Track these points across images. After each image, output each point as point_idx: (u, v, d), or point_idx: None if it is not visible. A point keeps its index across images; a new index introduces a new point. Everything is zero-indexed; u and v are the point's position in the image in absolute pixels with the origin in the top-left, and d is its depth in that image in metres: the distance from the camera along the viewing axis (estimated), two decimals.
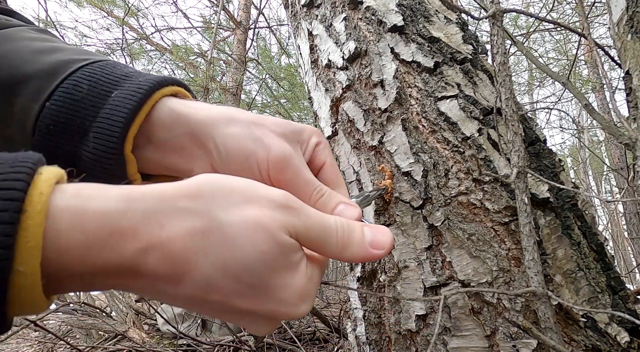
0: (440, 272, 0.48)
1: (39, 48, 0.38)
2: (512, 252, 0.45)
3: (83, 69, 0.36)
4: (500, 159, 0.49)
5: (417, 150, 0.52)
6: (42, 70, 0.36)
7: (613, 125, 0.59)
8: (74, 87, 0.35)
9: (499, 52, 0.46)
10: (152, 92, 0.34)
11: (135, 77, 0.36)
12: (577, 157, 8.91)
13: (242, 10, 5.41)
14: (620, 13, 0.66)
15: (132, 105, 0.33)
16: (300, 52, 0.76)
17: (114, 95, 0.34)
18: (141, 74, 0.37)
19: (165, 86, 0.35)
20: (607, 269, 0.46)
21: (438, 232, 0.49)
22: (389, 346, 0.52)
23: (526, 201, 0.42)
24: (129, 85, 0.35)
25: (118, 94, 0.34)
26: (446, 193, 0.49)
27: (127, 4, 4.30)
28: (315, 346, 1.38)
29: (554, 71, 0.70)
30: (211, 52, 3.78)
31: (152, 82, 0.34)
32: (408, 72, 0.57)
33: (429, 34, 0.58)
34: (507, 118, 0.45)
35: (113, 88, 0.35)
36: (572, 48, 5.82)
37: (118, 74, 0.36)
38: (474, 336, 0.44)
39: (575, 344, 0.41)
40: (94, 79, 0.35)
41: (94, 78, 0.35)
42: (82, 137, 0.34)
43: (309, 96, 0.73)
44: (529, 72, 7.38)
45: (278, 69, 5.88)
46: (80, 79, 0.35)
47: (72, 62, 0.37)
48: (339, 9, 0.66)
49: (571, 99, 5.69)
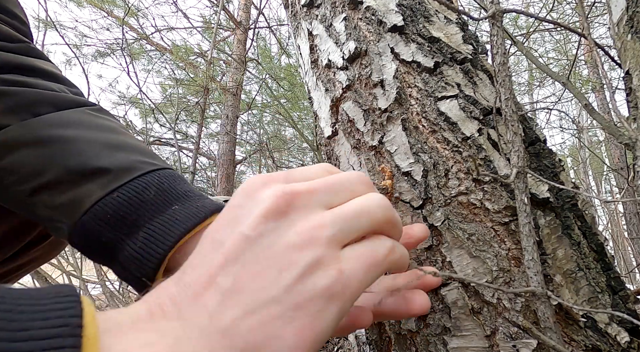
0: (439, 273, 0.48)
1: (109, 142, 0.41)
2: (512, 252, 0.45)
3: (153, 173, 0.40)
4: (500, 159, 0.49)
5: (417, 150, 0.52)
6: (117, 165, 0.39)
7: (613, 125, 0.59)
8: (143, 189, 0.38)
9: (499, 52, 0.46)
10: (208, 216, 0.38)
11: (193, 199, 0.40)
12: (577, 157, 8.90)
13: (242, 10, 5.41)
14: (620, 13, 0.66)
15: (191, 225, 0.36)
16: (300, 52, 0.76)
17: (174, 208, 0.38)
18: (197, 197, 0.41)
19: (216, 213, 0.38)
20: (607, 269, 0.46)
21: (438, 232, 0.49)
22: (389, 346, 0.52)
23: (526, 201, 0.42)
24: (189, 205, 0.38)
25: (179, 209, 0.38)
26: (446, 193, 0.49)
27: (127, 4, 4.31)
28: None
29: (554, 71, 0.70)
30: (211, 52, 3.78)
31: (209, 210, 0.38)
32: (408, 72, 0.57)
33: (429, 34, 0.58)
34: (507, 118, 0.45)
35: (174, 202, 0.39)
36: (572, 48, 5.82)
37: (180, 190, 0.40)
38: (474, 336, 0.44)
39: (575, 344, 0.41)
40: (162, 187, 0.39)
41: (162, 187, 0.39)
42: (132, 233, 0.37)
43: (309, 96, 0.74)
44: (529, 72, 7.38)
45: (278, 69, 5.88)
46: (149, 183, 0.39)
47: (144, 164, 0.40)
48: (339, 9, 0.66)
49: (571, 99, 5.69)
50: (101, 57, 5.75)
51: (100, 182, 0.38)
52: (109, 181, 0.38)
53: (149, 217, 0.36)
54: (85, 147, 0.39)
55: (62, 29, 5.21)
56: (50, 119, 0.41)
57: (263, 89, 5.99)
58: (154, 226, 0.36)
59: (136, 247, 0.36)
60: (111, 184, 0.37)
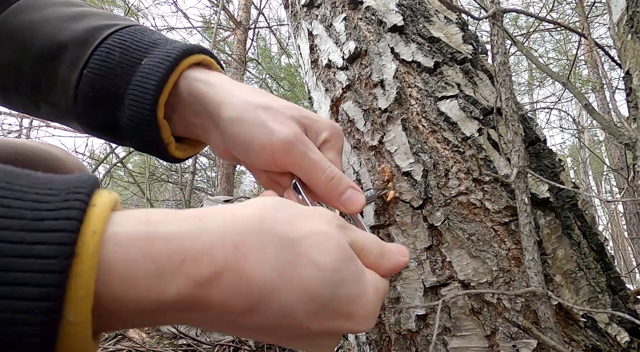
0: (440, 272, 0.48)
1: (67, 14, 0.39)
2: (512, 252, 0.45)
3: (113, 35, 0.37)
4: (500, 159, 0.49)
5: (417, 150, 0.52)
6: (75, 37, 0.37)
7: (613, 125, 0.59)
8: (107, 55, 0.36)
9: (499, 52, 0.46)
10: (179, 61, 0.35)
11: (162, 45, 0.37)
12: (577, 157, 8.91)
13: (242, 10, 5.41)
14: (620, 13, 0.66)
15: (161, 74, 0.34)
16: (300, 52, 0.76)
17: (144, 63, 0.35)
18: (168, 41, 0.38)
19: (191, 55, 0.36)
20: (607, 269, 0.46)
21: (438, 232, 0.49)
22: (389, 346, 0.52)
23: (526, 201, 0.42)
24: (158, 53, 0.36)
25: (148, 61, 0.35)
26: (446, 193, 0.49)
27: (127, 4, 4.31)
28: None
29: (554, 71, 0.70)
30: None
31: (179, 51, 0.35)
32: (408, 72, 0.57)
33: (429, 34, 0.58)
34: (507, 118, 0.45)
35: (143, 55, 0.36)
36: (572, 48, 5.83)
37: (146, 41, 0.37)
38: (474, 336, 0.44)
39: (575, 344, 0.41)
40: (125, 46, 0.36)
41: (125, 45, 0.36)
42: (120, 104, 0.35)
43: (309, 96, 0.73)
44: (529, 72, 7.39)
45: (278, 69, 5.88)
46: (112, 46, 0.36)
47: (102, 28, 0.38)
48: (339, 9, 0.66)
49: (571, 99, 5.69)
50: None
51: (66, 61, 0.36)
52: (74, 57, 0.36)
53: (125, 83, 0.35)
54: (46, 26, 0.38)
55: None
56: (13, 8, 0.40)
57: (263, 89, 5.99)
58: (131, 90, 0.35)
59: (127, 116, 0.35)
60: (78, 62, 0.36)
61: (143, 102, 0.34)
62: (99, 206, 0.19)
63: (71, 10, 0.40)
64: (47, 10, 0.39)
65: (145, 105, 0.34)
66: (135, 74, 0.35)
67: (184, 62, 0.35)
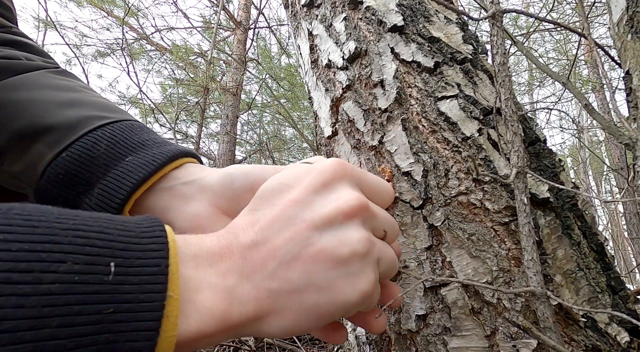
0: (440, 272, 0.48)
1: (62, 100, 0.39)
2: (512, 252, 0.45)
3: (105, 127, 0.38)
4: (500, 159, 0.49)
5: (417, 150, 0.52)
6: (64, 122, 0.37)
7: (613, 125, 0.59)
8: (92, 144, 0.36)
9: (499, 52, 0.46)
10: (164, 165, 0.36)
11: (150, 148, 0.38)
12: (577, 157, 8.90)
13: (242, 10, 5.41)
14: (620, 13, 0.66)
15: (143, 175, 0.35)
16: (300, 52, 0.76)
17: (128, 160, 0.36)
18: (156, 144, 0.39)
19: (176, 159, 0.38)
20: (607, 269, 0.46)
21: (438, 232, 0.49)
22: (389, 346, 0.52)
23: (525, 201, 0.42)
24: (143, 157, 0.37)
25: (131, 160, 0.36)
26: (446, 193, 0.49)
27: (127, 4, 4.31)
28: (315, 346, 1.37)
29: (554, 71, 0.70)
30: (211, 52, 3.78)
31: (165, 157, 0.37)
32: (408, 72, 0.57)
33: (429, 34, 0.58)
34: (507, 118, 0.45)
35: (129, 153, 0.37)
36: (572, 48, 5.82)
37: (136, 141, 0.38)
38: (474, 335, 0.44)
39: (575, 344, 0.41)
40: (114, 141, 0.37)
41: (114, 140, 0.37)
42: (87, 190, 0.36)
43: (309, 96, 0.74)
44: (529, 72, 7.38)
45: (278, 69, 5.88)
46: (100, 138, 0.37)
47: (95, 118, 0.38)
48: (339, 8, 0.66)
49: (571, 99, 5.69)
50: (101, 57, 5.75)
51: (47, 142, 0.36)
52: (57, 140, 0.36)
53: (102, 173, 0.35)
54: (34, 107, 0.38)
55: (62, 29, 5.21)
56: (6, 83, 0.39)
57: (263, 89, 5.99)
58: (106, 181, 0.35)
59: (92, 204, 0.35)
60: (59, 144, 0.36)
61: (115, 195, 0.35)
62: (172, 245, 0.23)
63: (67, 95, 0.40)
64: (40, 92, 0.40)
65: (116, 199, 0.35)
66: (115, 168, 0.36)
67: (168, 167, 0.37)
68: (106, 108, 0.41)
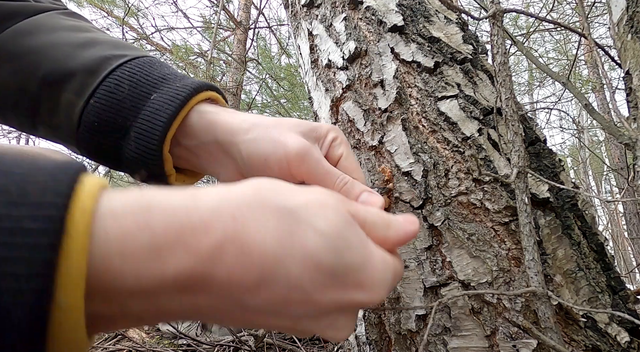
0: (440, 272, 0.48)
1: (78, 41, 0.39)
2: (512, 252, 0.45)
3: (122, 67, 0.38)
4: (500, 159, 0.49)
5: (417, 150, 0.52)
6: (84, 65, 0.37)
7: (613, 125, 0.59)
8: (115, 86, 0.36)
9: (499, 52, 0.46)
10: (189, 98, 0.36)
11: (172, 81, 0.38)
12: (577, 157, 8.91)
13: (242, 10, 5.41)
14: (620, 13, 0.66)
15: (171, 111, 0.35)
16: (300, 52, 0.76)
17: (154, 98, 0.36)
18: (177, 77, 0.39)
19: (200, 92, 0.37)
20: (607, 269, 0.46)
21: (438, 232, 0.49)
22: (389, 346, 0.52)
23: (526, 200, 0.42)
24: (168, 90, 0.37)
25: (157, 97, 0.36)
26: (446, 193, 0.49)
27: (127, 4, 4.30)
28: (315, 346, 1.38)
29: (554, 71, 0.70)
30: (211, 52, 3.78)
31: (189, 89, 0.36)
32: (408, 72, 0.57)
33: (429, 34, 0.58)
34: (507, 118, 0.45)
35: (152, 90, 0.37)
36: (572, 48, 5.83)
37: (156, 76, 0.38)
38: (474, 336, 0.44)
39: (575, 344, 0.41)
40: (135, 79, 0.37)
41: (134, 78, 0.37)
42: (124, 135, 0.36)
43: (309, 96, 0.73)
44: (529, 72, 7.39)
45: (278, 69, 5.88)
46: (120, 78, 0.37)
47: (111, 58, 0.38)
48: (339, 8, 0.66)
49: (571, 99, 5.69)
50: None
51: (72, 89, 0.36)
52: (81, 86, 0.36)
53: (133, 117, 0.36)
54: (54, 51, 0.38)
55: None
56: (19, 29, 0.39)
57: (263, 89, 5.99)
58: (139, 124, 0.35)
59: (132, 148, 0.36)
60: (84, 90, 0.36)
61: (151, 137, 0.35)
62: (88, 184, 0.18)
63: (81, 36, 0.40)
64: (55, 35, 0.39)
65: (153, 141, 0.35)
66: (144, 108, 0.36)
67: (193, 100, 0.37)
68: (120, 46, 0.41)
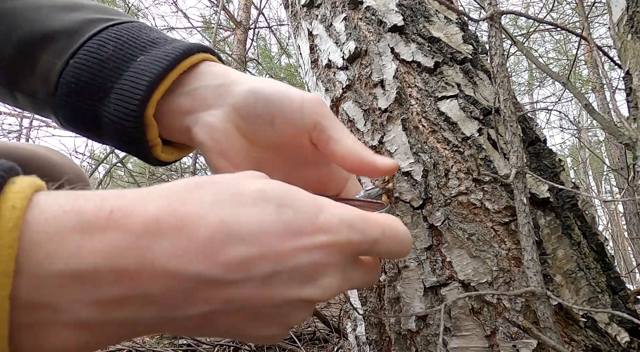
0: (440, 272, 0.48)
1: (61, 3, 0.37)
2: (512, 252, 0.45)
3: (109, 29, 0.35)
4: (500, 159, 0.49)
5: (417, 150, 0.52)
6: (67, 27, 0.35)
7: (613, 125, 0.59)
8: (99, 47, 0.34)
9: (497, 53, 0.46)
10: (180, 59, 0.33)
11: (162, 44, 0.35)
12: (577, 157, 8.91)
13: (242, 10, 5.41)
14: (620, 13, 0.66)
15: (157, 71, 0.32)
16: (300, 52, 0.76)
17: (140, 59, 0.33)
18: (168, 40, 0.36)
19: (193, 54, 0.34)
20: (607, 269, 0.46)
21: (438, 232, 0.49)
22: (389, 346, 0.52)
23: (525, 201, 0.42)
24: (156, 52, 0.34)
25: (144, 59, 0.33)
26: (446, 193, 0.49)
27: (127, 4, 4.30)
28: (315, 346, 1.38)
29: (554, 71, 0.70)
30: None
31: (179, 51, 0.33)
32: (408, 72, 0.57)
33: (429, 34, 0.58)
34: (506, 119, 0.45)
35: (139, 53, 0.34)
36: (572, 48, 5.83)
37: (145, 39, 0.35)
38: (474, 336, 0.44)
39: (575, 344, 0.41)
40: (120, 41, 0.34)
41: (120, 40, 0.34)
42: (103, 98, 0.33)
43: None
44: (529, 72, 7.39)
45: (278, 69, 5.88)
46: (106, 39, 0.34)
47: (98, 21, 0.36)
48: (339, 8, 0.66)
49: (571, 99, 5.69)
50: None
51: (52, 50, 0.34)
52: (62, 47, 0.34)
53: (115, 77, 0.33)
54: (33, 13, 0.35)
55: None
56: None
57: None
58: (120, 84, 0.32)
59: (110, 111, 0.32)
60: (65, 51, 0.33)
61: (132, 97, 0.31)
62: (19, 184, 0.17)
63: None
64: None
65: (133, 101, 0.31)
66: (128, 69, 0.33)
67: (186, 61, 0.33)
68: (108, 11, 0.38)
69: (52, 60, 0.34)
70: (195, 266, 0.18)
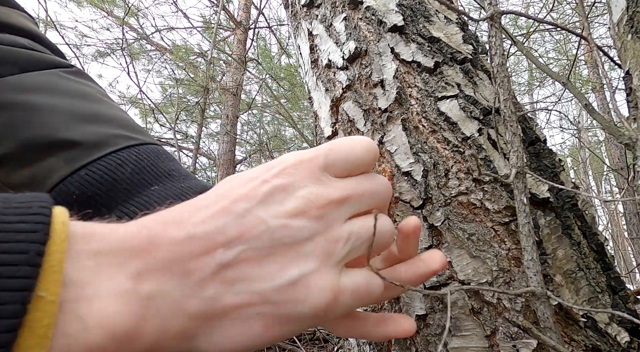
0: (440, 272, 0.48)
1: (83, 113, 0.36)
2: (512, 252, 0.45)
3: (130, 149, 0.35)
4: (500, 159, 0.49)
5: (417, 150, 0.52)
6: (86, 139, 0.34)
7: (613, 125, 0.59)
8: (117, 166, 0.33)
9: (497, 53, 0.46)
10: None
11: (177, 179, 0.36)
12: (577, 157, 8.91)
13: (242, 10, 5.41)
14: (620, 13, 0.66)
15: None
16: (300, 52, 0.76)
17: (153, 189, 0.34)
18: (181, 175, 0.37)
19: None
20: (607, 269, 0.46)
21: (438, 232, 0.49)
22: (389, 346, 0.52)
23: (525, 201, 0.42)
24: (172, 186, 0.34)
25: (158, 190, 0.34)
26: (446, 193, 0.49)
27: (127, 4, 4.31)
28: (315, 346, 1.38)
29: (554, 71, 0.70)
30: (211, 52, 3.78)
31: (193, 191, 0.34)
32: (408, 72, 0.57)
33: (429, 34, 0.58)
34: (506, 119, 0.45)
35: (155, 182, 0.34)
36: (572, 48, 5.83)
37: (162, 169, 0.36)
38: (474, 335, 0.44)
39: (575, 344, 0.41)
40: (140, 166, 0.35)
41: (140, 165, 0.35)
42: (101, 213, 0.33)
43: (309, 96, 0.74)
44: (529, 72, 7.39)
45: (278, 69, 5.88)
46: (126, 160, 0.34)
47: (118, 137, 0.35)
48: (339, 8, 0.66)
49: (571, 99, 5.70)
50: (101, 57, 5.75)
51: (65, 156, 0.33)
52: (77, 155, 0.33)
53: (123, 199, 0.32)
54: (50, 116, 0.34)
55: (62, 29, 5.21)
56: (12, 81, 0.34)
57: (263, 89, 5.99)
58: (126, 209, 0.32)
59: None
60: (79, 160, 0.33)
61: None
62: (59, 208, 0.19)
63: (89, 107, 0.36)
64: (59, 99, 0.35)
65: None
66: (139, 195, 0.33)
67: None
68: (129, 126, 0.38)
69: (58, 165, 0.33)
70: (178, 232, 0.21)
